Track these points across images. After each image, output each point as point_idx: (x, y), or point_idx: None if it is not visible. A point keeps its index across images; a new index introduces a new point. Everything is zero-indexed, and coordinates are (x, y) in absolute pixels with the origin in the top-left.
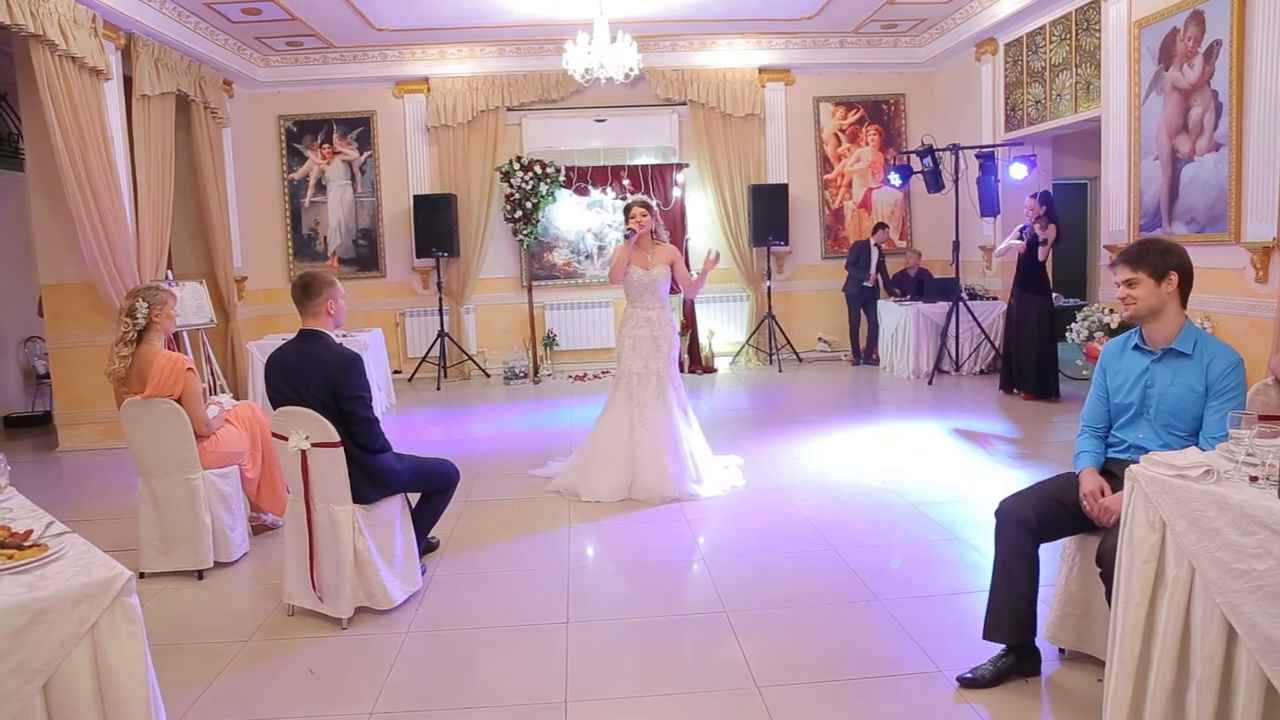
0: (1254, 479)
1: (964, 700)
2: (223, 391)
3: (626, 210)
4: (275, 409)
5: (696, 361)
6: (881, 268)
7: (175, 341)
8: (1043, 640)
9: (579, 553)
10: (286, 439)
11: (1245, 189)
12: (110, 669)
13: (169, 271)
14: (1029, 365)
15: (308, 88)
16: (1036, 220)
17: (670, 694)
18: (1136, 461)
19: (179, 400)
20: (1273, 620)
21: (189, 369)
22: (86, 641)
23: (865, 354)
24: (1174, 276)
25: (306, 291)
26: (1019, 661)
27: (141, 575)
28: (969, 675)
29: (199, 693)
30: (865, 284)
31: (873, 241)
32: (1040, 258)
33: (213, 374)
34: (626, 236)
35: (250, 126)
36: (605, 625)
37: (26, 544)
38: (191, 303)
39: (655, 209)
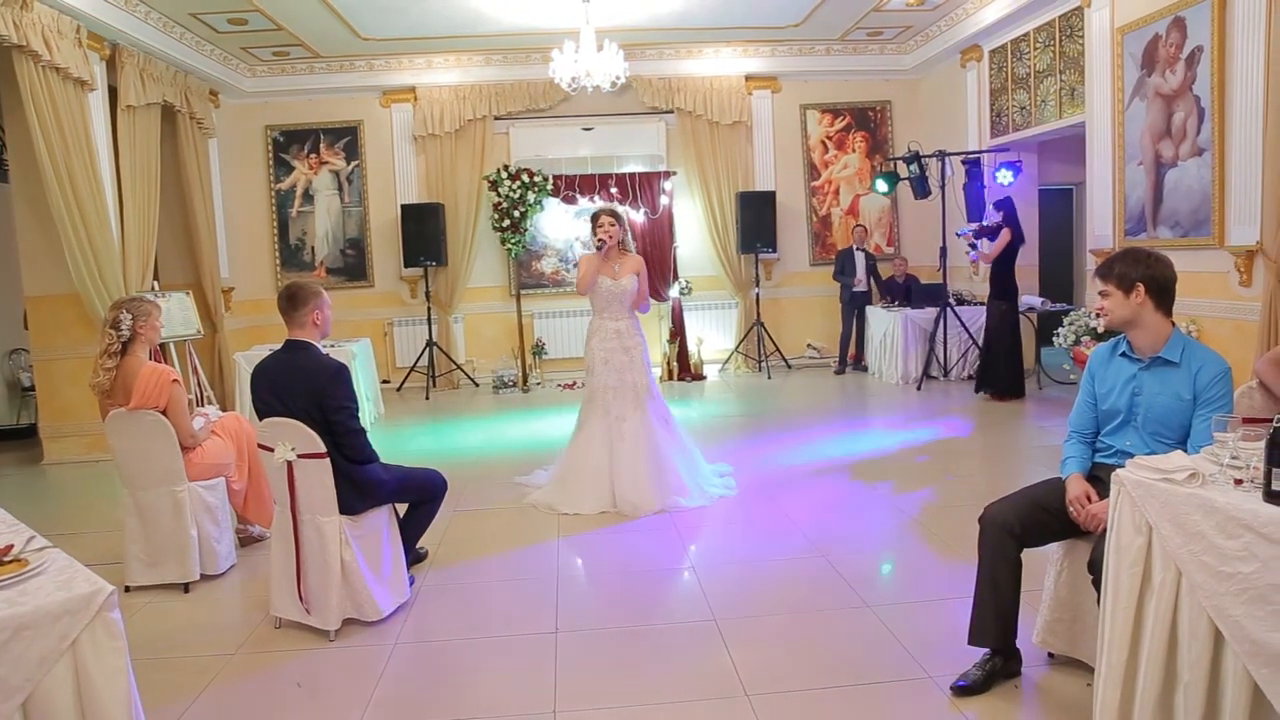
0: (1239, 482)
1: (954, 706)
2: (209, 403)
3: (594, 219)
4: (261, 420)
5: (685, 369)
6: (872, 271)
7: (161, 353)
8: (1032, 645)
9: (568, 562)
10: (273, 450)
11: (1228, 193)
12: (92, 685)
13: (155, 283)
14: (999, 368)
15: (294, 98)
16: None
17: (660, 703)
18: (1123, 467)
19: (164, 412)
20: (1258, 623)
21: (174, 380)
22: (68, 658)
23: (854, 361)
24: (1141, 288)
25: (292, 302)
26: (1005, 663)
27: (127, 588)
28: (961, 683)
29: (185, 707)
30: (855, 289)
31: (855, 246)
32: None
33: (199, 385)
34: (598, 247)
35: (237, 136)
36: (594, 635)
37: (6, 559)
38: (178, 314)
39: (623, 218)
